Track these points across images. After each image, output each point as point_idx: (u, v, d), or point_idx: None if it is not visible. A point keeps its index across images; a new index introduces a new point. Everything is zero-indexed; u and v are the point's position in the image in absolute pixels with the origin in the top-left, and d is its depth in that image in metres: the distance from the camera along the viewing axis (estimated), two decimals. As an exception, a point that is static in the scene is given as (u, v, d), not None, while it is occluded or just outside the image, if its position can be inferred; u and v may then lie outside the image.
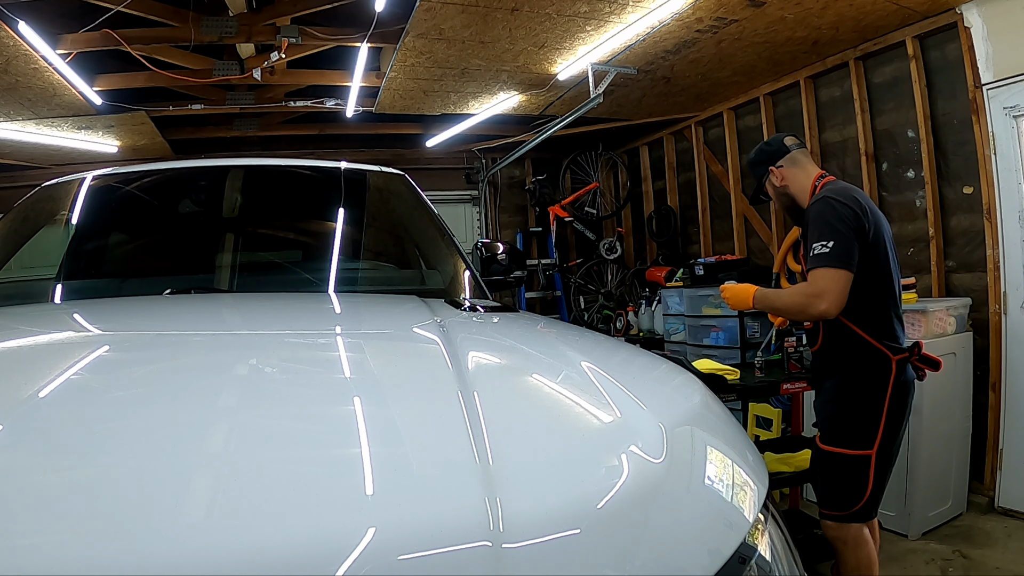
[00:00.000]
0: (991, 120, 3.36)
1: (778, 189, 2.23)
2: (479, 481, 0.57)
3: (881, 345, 2.02)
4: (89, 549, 0.46)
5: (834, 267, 1.92)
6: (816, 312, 1.95)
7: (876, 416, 2.01)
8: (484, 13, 3.41)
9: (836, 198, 2.00)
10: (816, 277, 1.95)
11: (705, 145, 5.77)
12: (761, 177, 2.27)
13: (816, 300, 1.93)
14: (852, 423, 2.04)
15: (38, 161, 5.72)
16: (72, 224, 1.90)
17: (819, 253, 1.95)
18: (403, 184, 2.20)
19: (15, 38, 3.26)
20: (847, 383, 2.08)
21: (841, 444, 2.05)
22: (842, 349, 2.08)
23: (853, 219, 1.96)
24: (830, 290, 1.92)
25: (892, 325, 2.05)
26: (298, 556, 0.47)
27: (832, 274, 1.92)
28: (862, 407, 2.03)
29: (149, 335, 1.06)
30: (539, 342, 1.18)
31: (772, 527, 0.74)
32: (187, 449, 0.60)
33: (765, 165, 2.25)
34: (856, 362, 2.05)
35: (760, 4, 3.42)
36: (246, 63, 4.41)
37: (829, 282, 1.92)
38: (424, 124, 5.98)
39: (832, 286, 1.92)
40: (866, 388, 2.03)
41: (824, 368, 2.17)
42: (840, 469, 2.05)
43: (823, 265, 1.94)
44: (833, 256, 1.92)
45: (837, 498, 2.07)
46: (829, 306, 1.92)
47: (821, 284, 1.93)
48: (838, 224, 1.95)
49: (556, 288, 6.88)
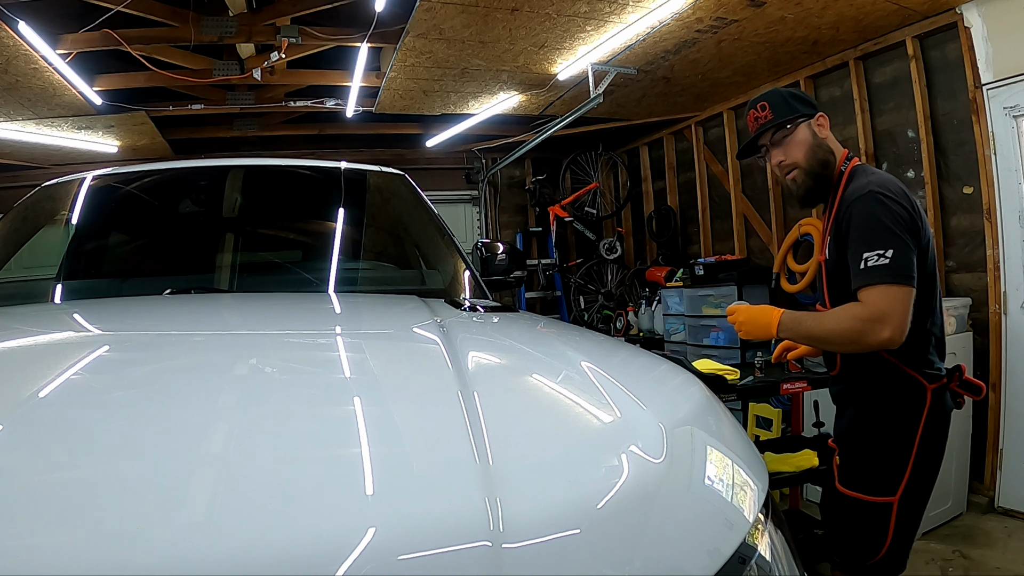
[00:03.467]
0: (991, 120, 3.35)
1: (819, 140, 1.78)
2: (479, 481, 0.57)
3: (915, 372, 1.66)
4: (89, 549, 0.46)
5: (896, 283, 1.55)
6: (876, 341, 1.55)
7: (903, 457, 1.66)
8: (484, 13, 3.41)
9: (887, 193, 1.61)
10: (873, 297, 1.56)
11: (705, 145, 5.77)
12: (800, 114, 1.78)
13: (876, 326, 1.54)
14: (873, 464, 1.70)
15: (38, 161, 5.72)
16: (72, 224, 1.90)
17: (875, 266, 1.56)
18: (403, 184, 2.20)
19: (15, 38, 3.26)
20: (870, 416, 1.72)
21: (859, 488, 1.70)
22: (866, 375, 1.73)
23: (909, 221, 1.59)
24: (894, 313, 1.54)
25: (928, 348, 1.69)
26: (298, 556, 0.47)
27: (894, 292, 1.54)
28: (886, 446, 1.68)
29: (149, 335, 1.06)
30: (539, 342, 1.18)
31: (772, 527, 0.74)
32: (187, 449, 0.60)
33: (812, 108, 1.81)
34: (883, 392, 1.70)
35: (760, 4, 3.42)
36: (246, 63, 4.41)
37: (892, 303, 1.54)
38: (424, 124, 5.98)
39: (896, 307, 1.54)
40: (893, 423, 1.68)
41: (844, 395, 1.82)
42: (855, 516, 1.71)
43: (882, 281, 1.55)
44: (893, 269, 1.54)
45: (848, 549, 1.73)
46: (894, 333, 1.54)
47: (882, 305, 1.54)
48: (895, 227, 1.57)
49: (556, 288, 6.88)
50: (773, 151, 1.82)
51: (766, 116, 1.80)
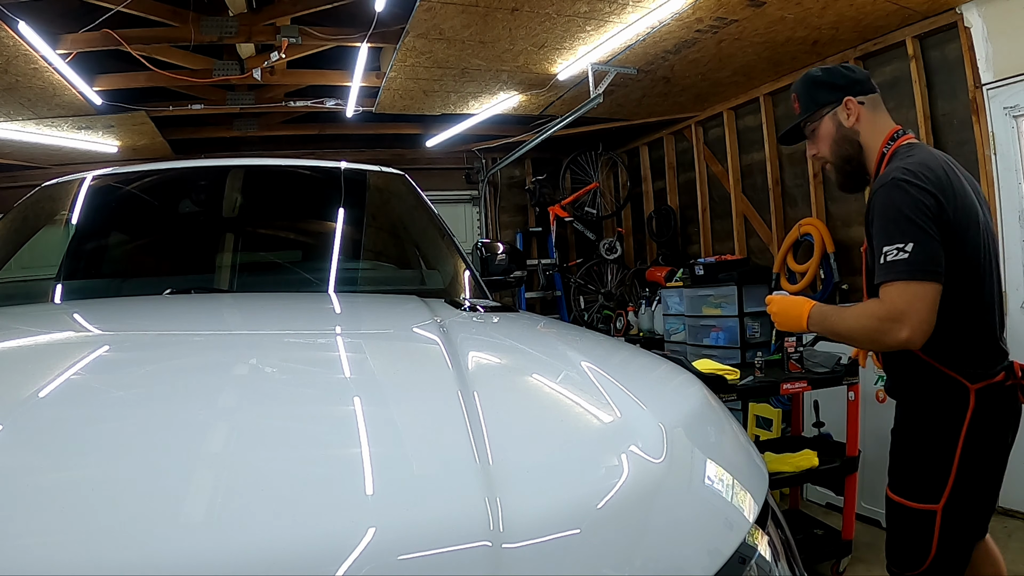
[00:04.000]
0: (991, 120, 3.36)
1: (844, 131, 1.66)
2: (479, 481, 0.57)
3: (953, 372, 1.54)
4: (89, 549, 0.46)
5: (916, 280, 1.44)
6: (895, 341, 1.46)
7: (945, 463, 1.54)
8: (484, 13, 3.41)
9: (910, 179, 1.48)
10: (892, 294, 1.46)
11: (705, 145, 5.77)
12: (822, 105, 1.68)
13: (894, 326, 1.45)
14: (915, 469, 1.60)
15: (38, 161, 5.72)
16: (72, 224, 1.90)
17: (893, 261, 1.46)
18: (403, 184, 2.20)
19: (15, 38, 3.26)
20: (911, 417, 1.64)
21: (903, 493, 1.61)
22: (905, 373, 1.63)
23: (935, 209, 1.46)
24: (913, 311, 1.43)
25: (971, 344, 1.55)
26: (298, 556, 0.47)
27: (914, 290, 1.44)
28: (927, 450, 1.58)
29: (149, 335, 1.06)
30: (539, 342, 1.18)
31: (772, 527, 0.74)
32: (187, 449, 0.60)
33: (840, 91, 1.66)
34: (921, 392, 1.60)
35: (760, 4, 3.42)
36: (246, 63, 4.41)
37: (911, 301, 1.44)
38: (424, 124, 5.98)
39: (916, 305, 1.43)
40: (933, 427, 1.57)
41: (892, 391, 1.72)
42: (900, 522, 1.63)
43: (899, 278, 1.45)
44: (913, 264, 1.44)
45: (898, 554, 1.65)
46: (912, 333, 1.44)
47: (900, 304, 1.44)
48: (917, 218, 1.45)
49: (556, 288, 6.88)
50: (808, 144, 1.78)
51: (796, 109, 1.76)
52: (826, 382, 2.69)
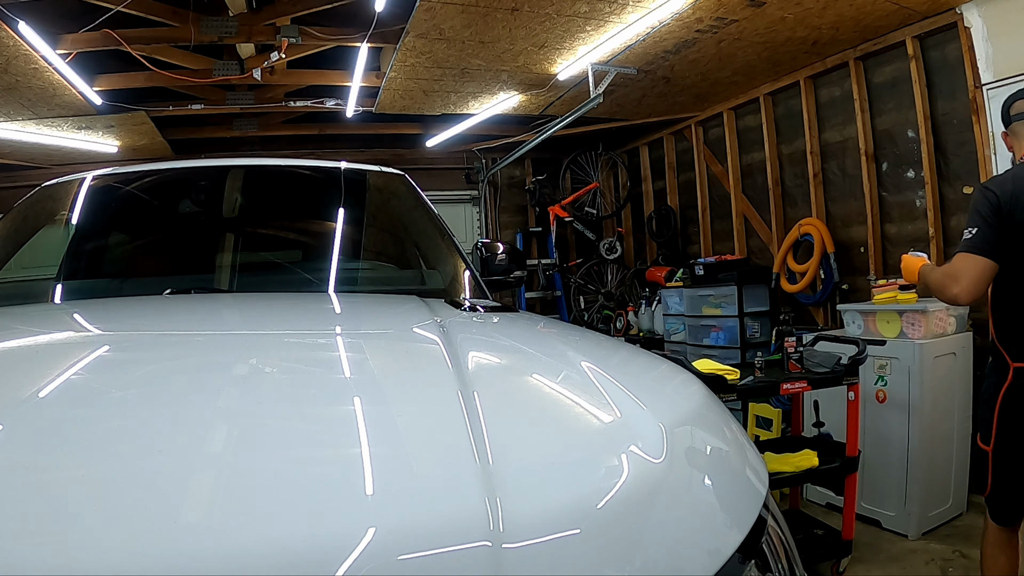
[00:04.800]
0: (991, 120, 3.36)
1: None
2: (479, 481, 0.57)
3: (1002, 346, 1.99)
4: (89, 549, 0.46)
5: (972, 252, 1.92)
6: (949, 294, 1.96)
7: (991, 417, 2.01)
8: (484, 13, 3.42)
9: (987, 185, 2.00)
10: (956, 261, 1.96)
11: (705, 145, 5.77)
12: None
13: (950, 282, 1.94)
14: (979, 415, 2.09)
15: (38, 161, 5.72)
16: (72, 224, 1.90)
17: (964, 239, 1.96)
18: (403, 184, 2.20)
19: (15, 38, 3.26)
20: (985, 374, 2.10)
21: (975, 432, 2.10)
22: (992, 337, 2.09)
23: (994, 206, 1.93)
24: (964, 274, 1.92)
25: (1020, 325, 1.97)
26: (298, 556, 0.47)
27: (969, 260, 1.92)
28: (983, 403, 2.06)
29: (149, 335, 1.06)
30: (539, 342, 1.18)
31: (772, 527, 0.74)
32: (187, 449, 0.60)
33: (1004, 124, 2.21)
34: (990, 355, 2.07)
35: (760, 4, 3.43)
36: (246, 63, 4.42)
37: (965, 266, 1.92)
38: (424, 124, 5.98)
39: (968, 271, 1.91)
40: (987, 386, 2.05)
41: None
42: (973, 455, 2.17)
43: (962, 250, 1.95)
44: (971, 242, 1.93)
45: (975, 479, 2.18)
46: (961, 291, 1.92)
47: (957, 266, 1.94)
48: (981, 211, 1.94)
49: (556, 288, 6.89)
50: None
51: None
52: (826, 382, 2.69)
